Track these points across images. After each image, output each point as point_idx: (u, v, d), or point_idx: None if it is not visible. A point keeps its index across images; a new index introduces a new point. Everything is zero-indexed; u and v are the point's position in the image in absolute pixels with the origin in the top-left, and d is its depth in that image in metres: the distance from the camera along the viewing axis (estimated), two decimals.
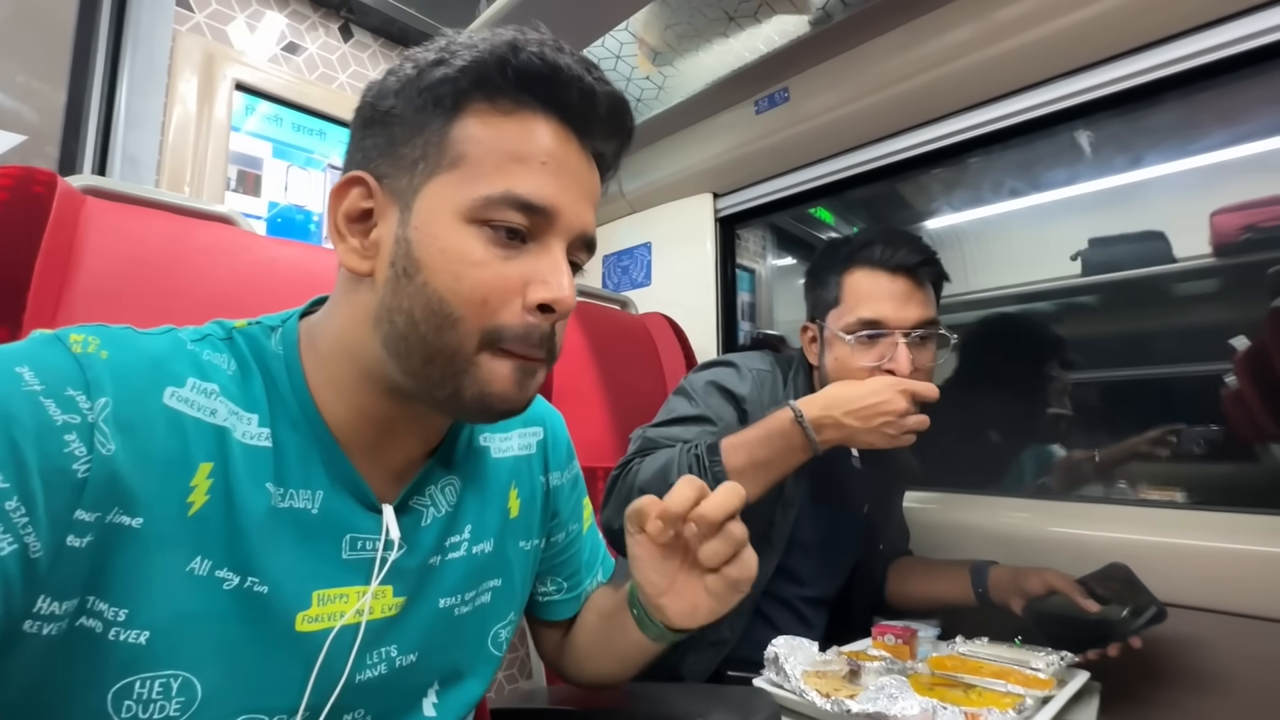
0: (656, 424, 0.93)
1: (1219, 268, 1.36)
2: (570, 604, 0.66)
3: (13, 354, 0.36)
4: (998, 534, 1.13)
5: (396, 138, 0.43)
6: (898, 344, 0.87)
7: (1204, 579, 0.89)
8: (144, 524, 0.37)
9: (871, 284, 0.90)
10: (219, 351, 0.44)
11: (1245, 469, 1.20)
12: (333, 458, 0.46)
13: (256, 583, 0.41)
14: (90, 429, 0.36)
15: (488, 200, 0.41)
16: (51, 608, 0.35)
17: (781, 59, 1.29)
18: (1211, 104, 1.19)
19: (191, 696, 0.39)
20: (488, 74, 0.41)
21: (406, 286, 0.42)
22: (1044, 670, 0.72)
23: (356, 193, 0.44)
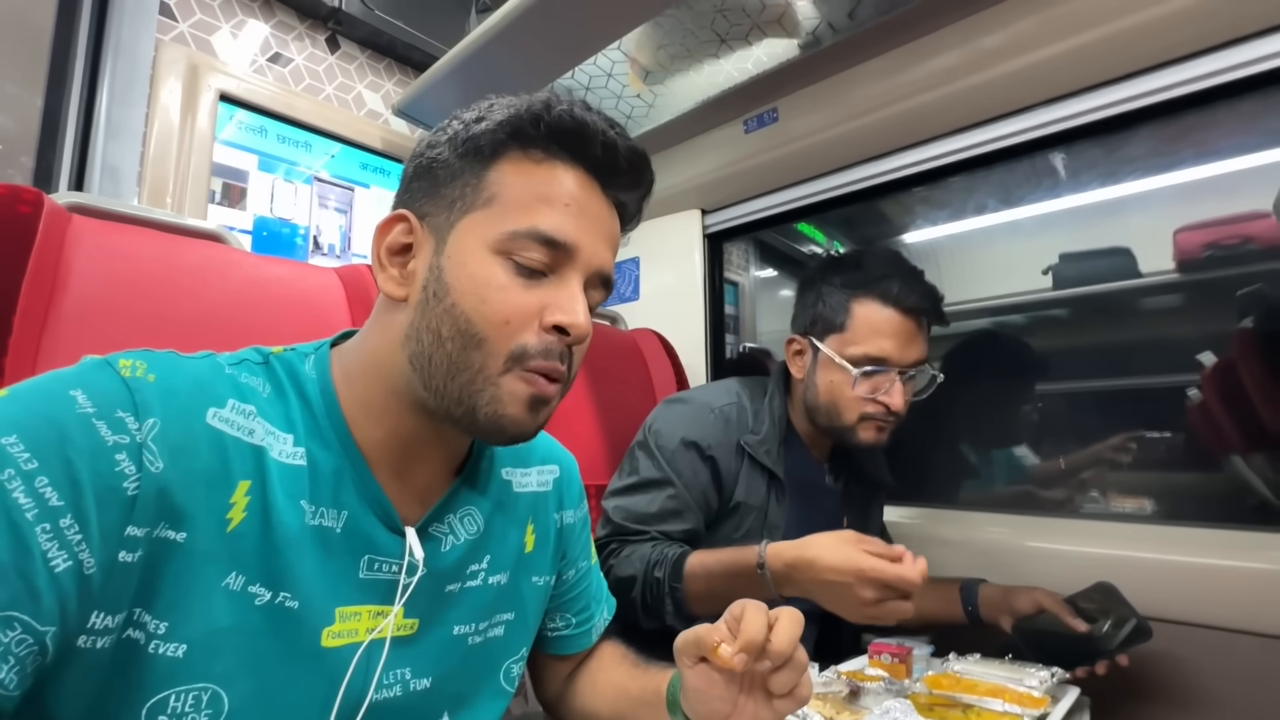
0: (621, 490, 0.94)
1: (1182, 283, 1.41)
2: (581, 638, 0.67)
3: (66, 379, 0.38)
4: (979, 549, 1.15)
5: (440, 180, 0.48)
6: (894, 381, 0.90)
7: (1185, 594, 0.92)
8: (187, 539, 0.40)
9: (884, 321, 0.91)
10: (255, 375, 0.47)
11: (1207, 479, 1.24)
12: (362, 478, 0.48)
13: (288, 598, 0.43)
14: (139, 448, 0.38)
15: (514, 234, 0.46)
16: (105, 622, 0.37)
17: (771, 80, 1.31)
18: (1181, 130, 1.24)
19: (219, 709, 0.41)
20: (523, 127, 0.47)
21: (435, 308, 0.46)
22: (1038, 688, 0.73)
23: (399, 228, 0.49)
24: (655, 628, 0.83)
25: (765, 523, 0.95)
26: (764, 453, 0.96)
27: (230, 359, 0.47)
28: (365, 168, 1.56)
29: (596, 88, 1.37)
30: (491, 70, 1.30)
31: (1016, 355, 1.51)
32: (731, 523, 0.95)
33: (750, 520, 0.95)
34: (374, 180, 1.58)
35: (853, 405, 0.92)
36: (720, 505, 0.95)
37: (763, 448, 0.96)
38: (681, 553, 0.84)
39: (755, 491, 0.95)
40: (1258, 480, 1.15)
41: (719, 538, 0.95)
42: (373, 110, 1.58)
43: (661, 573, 0.82)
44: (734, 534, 0.95)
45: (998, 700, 0.69)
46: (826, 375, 0.95)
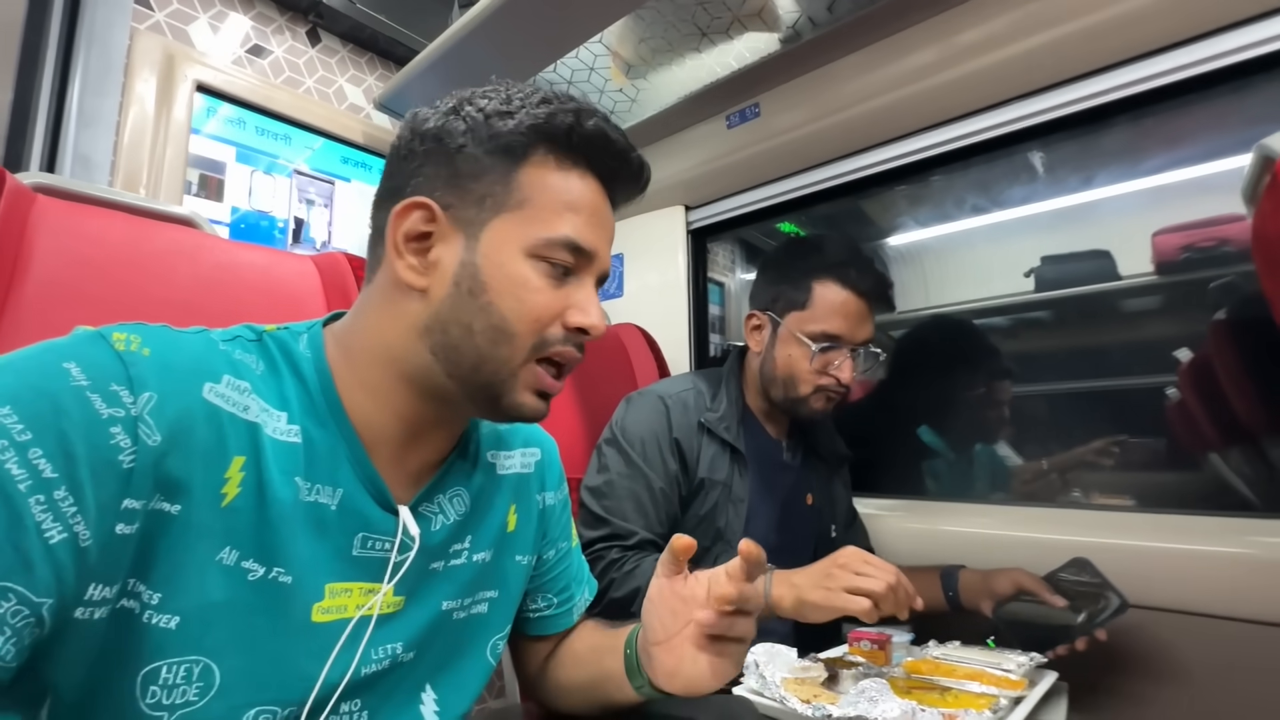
0: (600, 489, 0.96)
1: (1160, 285, 1.43)
2: (562, 618, 0.68)
3: (59, 350, 0.38)
4: (960, 539, 1.16)
5: (463, 173, 0.49)
6: (846, 357, 0.98)
7: (1160, 580, 0.93)
8: (182, 511, 0.40)
9: (841, 301, 0.98)
10: (248, 352, 0.47)
11: (1189, 477, 1.25)
12: (358, 456, 0.49)
13: (281, 573, 0.44)
14: (135, 422, 0.38)
15: (550, 241, 0.49)
16: (102, 593, 0.37)
17: (752, 75, 1.32)
18: (1157, 128, 1.26)
19: (210, 682, 0.41)
20: (555, 135, 0.49)
21: (470, 304, 0.48)
22: (1015, 671, 0.73)
23: (419, 215, 0.49)
24: None
25: (730, 497, 0.99)
26: (724, 429, 1.01)
27: (223, 335, 0.47)
28: (346, 161, 1.55)
29: (579, 81, 1.37)
30: (473, 63, 1.30)
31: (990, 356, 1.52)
32: (698, 500, 0.98)
33: (716, 495, 0.98)
34: (355, 174, 1.57)
35: (808, 378, 0.99)
36: (688, 486, 0.98)
37: (722, 424, 1.01)
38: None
39: (719, 468, 0.99)
40: (1235, 478, 1.17)
41: (688, 515, 0.98)
42: (354, 104, 1.57)
43: None
44: (700, 510, 0.98)
45: (975, 683, 0.69)
46: (785, 349, 1.01)
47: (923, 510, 1.27)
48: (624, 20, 1.18)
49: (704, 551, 0.98)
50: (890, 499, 1.31)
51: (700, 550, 0.97)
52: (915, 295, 1.74)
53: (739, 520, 0.98)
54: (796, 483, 1.10)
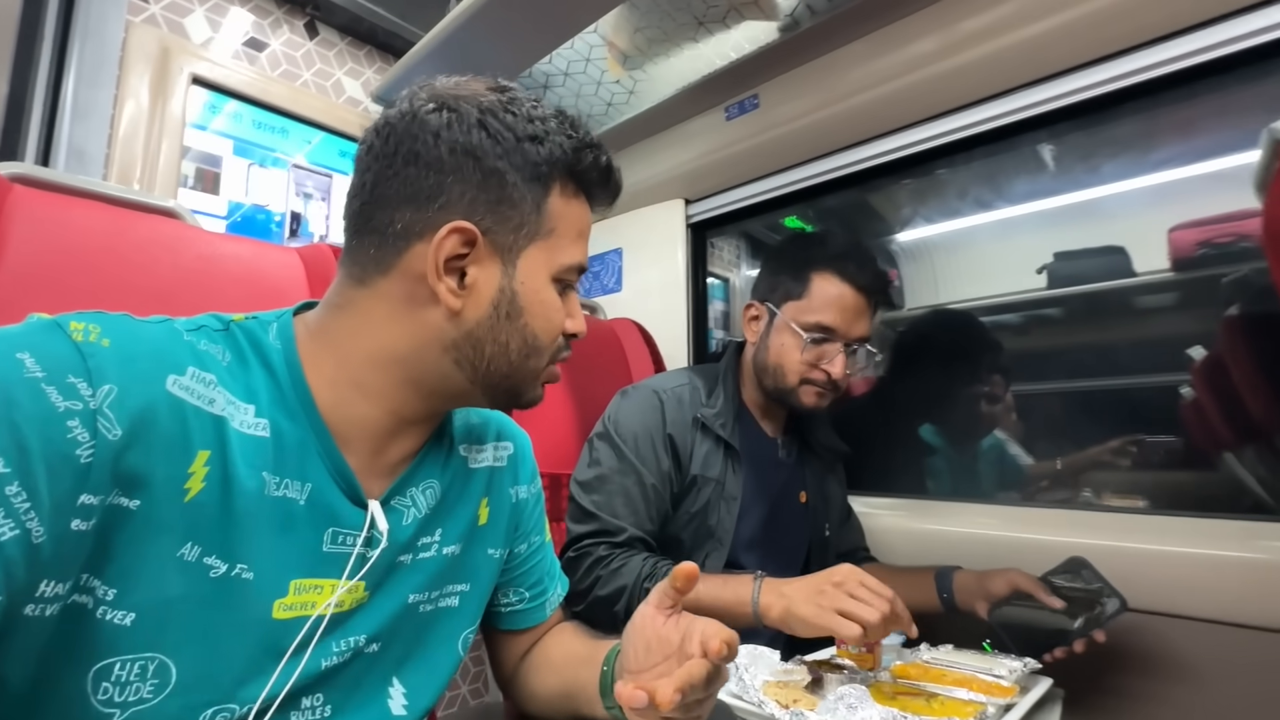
0: (590, 483, 0.95)
1: (1177, 282, 1.39)
2: (535, 612, 0.68)
3: (12, 339, 0.37)
4: (956, 539, 1.13)
5: (503, 199, 0.49)
6: (839, 352, 0.97)
7: (1165, 584, 0.89)
8: (140, 507, 0.39)
9: (838, 294, 0.97)
10: (214, 342, 0.46)
11: (1205, 477, 1.21)
12: (328, 450, 0.48)
13: (244, 569, 0.43)
14: (93, 415, 0.36)
15: (569, 268, 0.53)
16: (55, 589, 0.36)
17: (751, 65, 1.29)
18: (1170, 118, 1.22)
19: (165, 679, 0.41)
20: (575, 168, 0.52)
21: (508, 326, 0.50)
22: (1007, 678, 0.71)
23: (457, 239, 0.48)
24: None
25: (723, 494, 0.97)
26: (720, 426, 0.99)
27: (187, 324, 0.46)
28: (344, 155, 1.54)
29: (575, 73, 1.36)
30: (470, 55, 1.29)
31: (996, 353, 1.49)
32: (690, 496, 0.97)
33: (709, 491, 0.97)
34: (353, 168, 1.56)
35: (798, 369, 0.98)
36: (681, 482, 0.97)
37: (718, 421, 1.00)
38: (669, 567, 0.84)
39: (712, 464, 0.98)
40: (1251, 478, 1.13)
41: (680, 512, 0.97)
42: (352, 98, 1.56)
43: (652, 585, 0.82)
44: (692, 507, 0.97)
45: (963, 689, 0.67)
46: (779, 339, 1.00)
47: (918, 509, 1.24)
48: (619, 10, 1.16)
49: (695, 549, 0.96)
50: (885, 497, 1.28)
51: (691, 548, 0.96)
52: (925, 292, 1.71)
53: (731, 519, 0.97)
54: (790, 480, 1.08)
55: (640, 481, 0.93)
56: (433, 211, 0.48)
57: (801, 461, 1.11)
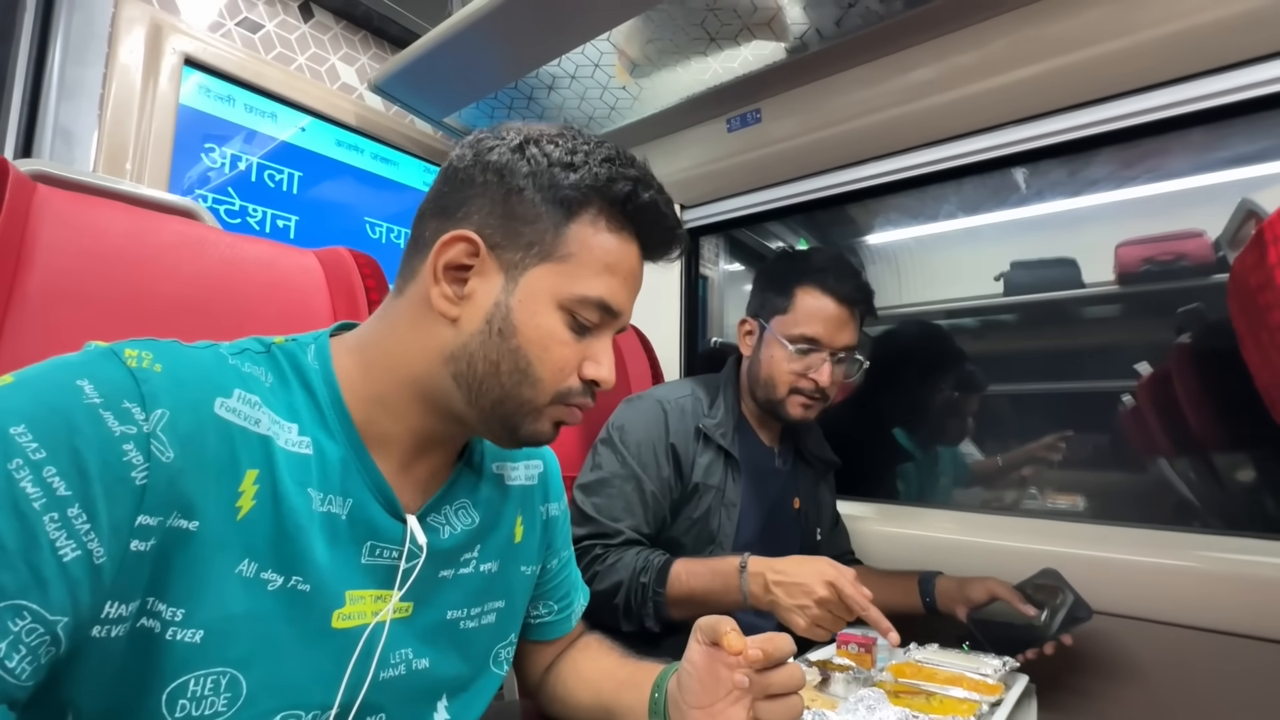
0: (591, 486, 0.99)
1: (1122, 295, 1.50)
2: (563, 623, 0.70)
3: (72, 367, 0.38)
4: (935, 543, 1.22)
5: (518, 217, 0.49)
6: (825, 361, 1.01)
7: (1121, 588, 1.00)
8: (199, 527, 0.40)
9: (819, 306, 1.03)
10: (257, 364, 0.48)
11: (1133, 478, 1.33)
12: (367, 467, 0.50)
13: (300, 581, 0.45)
14: (147, 439, 0.38)
15: (584, 300, 0.50)
16: (119, 611, 0.38)
17: (756, 81, 1.33)
18: (1133, 155, 1.32)
19: (237, 693, 0.42)
20: (610, 199, 0.50)
21: (500, 344, 0.49)
22: (992, 675, 0.79)
23: (463, 248, 0.49)
24: (633, 630, 0.88)
25: (723, 501, 1.03)
26: (720, 435, 1.04)
27: (231, 349, 0.48)
28: (340, 144, 1.51)
29: (583, 77, 1.36)
30: (476, 54, 1.28)
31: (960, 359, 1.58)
32: (692, 504, 1.02)
33: (709, 499, 1.02)
34: (347, 157, 1.53)
35: (787, 379, 1.04)
36: (682, 491, 1.02)
37: (719, 431, 1.05)
38: (666, 560, 0.90)
39: (713, 473, 1.03)
40: (1180, 482, 1.26)
41: (680, 519, 1.01)
42: (346, 84, 1.52)
43: (647, 578, 0.88)
44: (694, 514, 1.01)
45: (958, 688, 0.74)
46: (769, 351, 1.06)
47: (900, 514, 1.33)
48: (633, 20, 1.18)
49: (696, 552, 1.01)
50: (869, 502, 1.36)
51: (693, 553, 1.01)
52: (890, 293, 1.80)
53: (731, 524, 1.02)
54: (785, 488, 1.14)
55: (640, 488, 0.97)
56: (453, 221, 0.50)
57: (796, 469, 1.17)
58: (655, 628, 0.87)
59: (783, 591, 0.80)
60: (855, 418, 1.63)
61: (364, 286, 0.91)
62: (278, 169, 1.40)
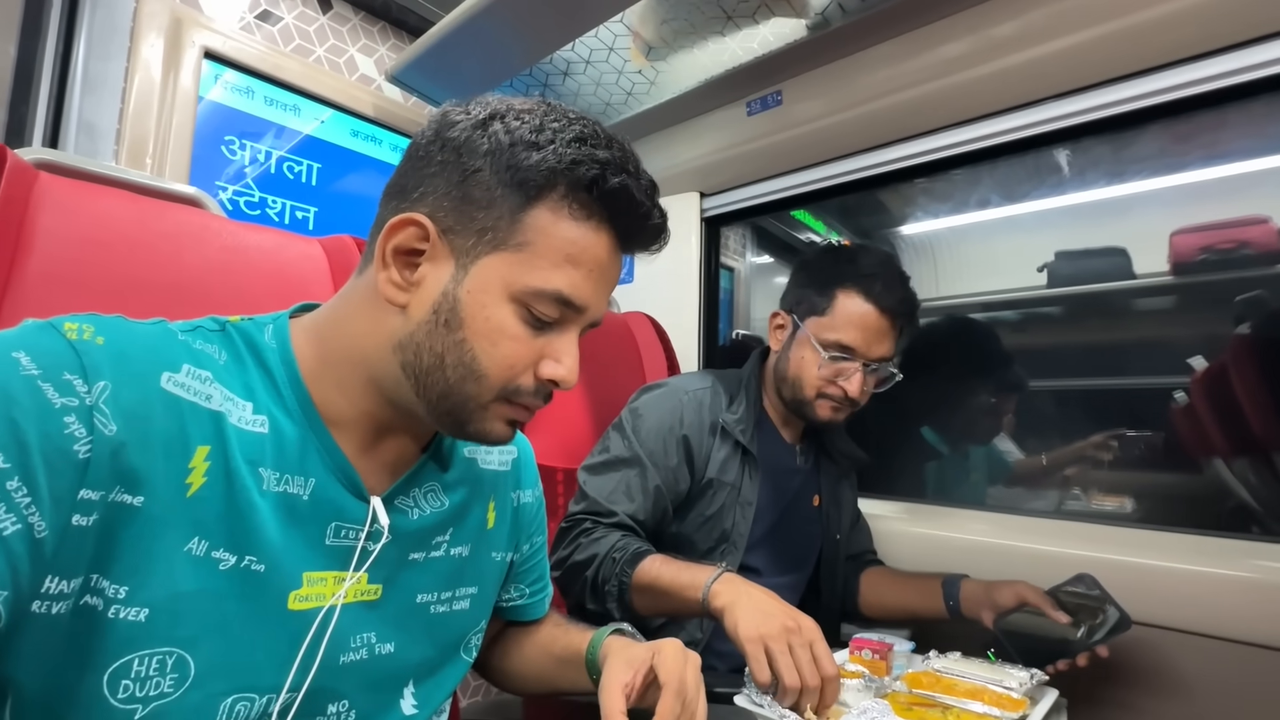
0: (594, 466, 0.97)
1: (1177, 286, 1.40)
2: (536, 606, 0.70)
3: (8, 340, 0.37)
4: (962, 545, 1.15)
5: (473, 200, 0.46)
6: (857, 371, 0.96)
7: (1164, 598, 0.92)
8: (145, 503, 0.39)
9: (861, 314, 0.97)
10: (209, 342, 0.46)
11: (1186, 480, 1.24)
12: (327, 447, 0.48)
13: (254, 561, 0.44)
14: (89, 411, 0.37)
15: (539, 293, 0.47)
16: (60, 586, 0.37)
17: (776, 61, 1.28)
18: (1189, 131, 1.22)
19: (185, 673, 0.41)
20: (575, 182, 0.46)
21: (445, 336, 0.47)
22: (1016, 689, 0.73)
23: (413, 232, 0.47)
24: (597, 610, 0.85)
25: (739, 499, 0.99)
26: (740, 431, 1.00)
27: (184, 326, 0.46)
28: (356, 135, 1.52)
29: (597, 61, 1.33)
30: (490, 40, 1.26)
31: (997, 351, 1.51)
32: (705, 500, 0.98)
33: (724, 496, 0.98)
34: (365, 148, 1.53)
35: (815, 384, 0.99)
36: (692, 485, 0.98)
37: (739, 426, 1.00)
38: (646, 549, 0.86)
39: (729, 469, 0.99)
40: (1238, 484, 1.16)
41: (693, 514, 0.98)
42: (365, 75, 1.53)
43: (620, 556, 0.84)
44: (707, 510, 0.98)
45: (977, 702, 0.69)
46: (800, 352, 1.01)
47: (925, 514, 1.26)
48: (647, 0, 1.14)
49: (709, 552, 0.97)
50: (893, 501, 1.30)
51: (705, 551, 0.97)
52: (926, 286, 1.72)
53: (746, 523, 0.98)
54: (805, 485, 1.10)
55: (644, 475, 0.94)
56: (408, 203, 0.48)
57: (817, 466, 1.13)
58: (617, 614, 0.83)
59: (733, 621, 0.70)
60: (886, 413, 1.57)
61: None
62: (297, 161, 1.41)
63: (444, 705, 0.60)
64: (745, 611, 0.70)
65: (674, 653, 0.53)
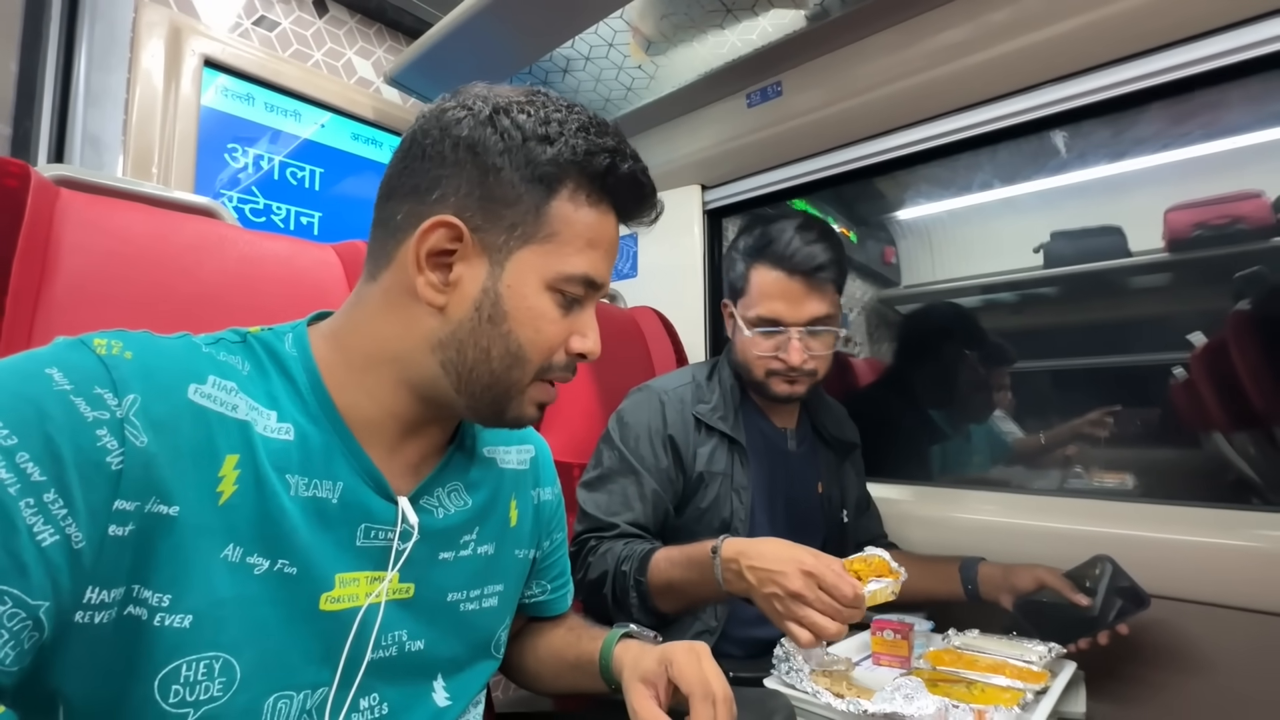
0: (590, 483, 0.97)
1: (1173, 263, 1.42)
2: (558, 602, 0.72)
3: (40, 358, 0.38)
4: (974, 526, 1.17)
5: (496, 196, 0.48)
6: (791, 339, 0.95)
7: (1176, 570, 0.94)
8: (180, 512, 0.40)
9: (771, 283, 0.96)
10: (233, 353, 0.48)
11: (1189, 455, 1.26)
12: (353, 450, 0.49)
13: (286, 564, 0.45)
14: (120, 424, 0.38)
15: (570, 278, 0.50)
16: (101, 597, 0.38)
17: (775, 53, 1.28)
18: (1185, 110, 1.23)
19: (231, 677, 0.42)
20: (589, 173, 0.50)
21: (490, 330, 0.49)
22: (1037, 663, 0.75)
23: (445, 234, 0.48)
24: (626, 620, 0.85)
25: (733, 485, 0.98)
26: (718, 419, 1.00)
27: (207, 339, 0.48)
28: (357, 138, 1.52)
29: (597, 58, 1.34)
30: (488, 39, 1.26)
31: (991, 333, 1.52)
32: (700, 493, 0.98)
33: (717, 486, 0.98)
34: (365, 151, 1.54)
35: (758, 362, 0.99)
36: (685, 482, 0.98)
37: (715, 414, 1.00)
38: (649, 549, 0.86)
39: (718, 459, 0.99)
40: (1239, 458, 1.18)
41: (689, 510, 0.98)
42: (363, 78, 1.52)
43: (628, 567, 0.85)
44: (703, 503, 0.98)
45: (1000, 676, 0.71)
46: (740, 336, 1.01)
47: (938, 496, 1.28)
48: None
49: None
50: (903, 484, 1.32)
51: (709, 539, 0.98)
52: (923, 270, 1.73)
53: (744, 508, 0.98)
54: (804, 471, 1.10)
55: (638, 482, 0.94)
56: (428, 204, 0.48)
57: (815, 451, 1.12)
58: (646, 620, 0.83)
59: (754, 577, 0.72)
60: (890, 397, 1.59)
61: None
62: (299, 166, 1.41)
63: (479, 698, 0.61)
64: (759, 599, 0.72)
65: (687, 659, 0.54)
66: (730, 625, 0.96)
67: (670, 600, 0.83)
